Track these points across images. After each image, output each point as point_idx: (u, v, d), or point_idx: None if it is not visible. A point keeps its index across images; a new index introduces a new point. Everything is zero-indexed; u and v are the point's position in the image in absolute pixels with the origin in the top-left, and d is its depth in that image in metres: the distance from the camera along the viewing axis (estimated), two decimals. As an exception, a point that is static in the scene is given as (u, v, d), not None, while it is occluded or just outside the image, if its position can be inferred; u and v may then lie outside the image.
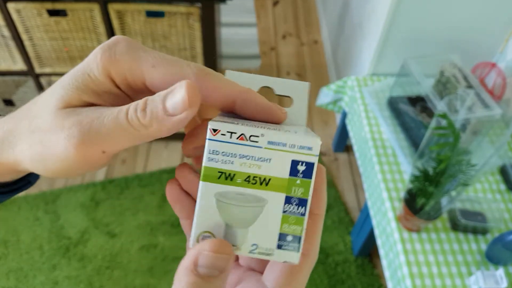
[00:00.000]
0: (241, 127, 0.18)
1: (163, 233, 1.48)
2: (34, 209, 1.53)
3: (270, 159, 0.18)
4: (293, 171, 0.18)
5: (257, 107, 0.20)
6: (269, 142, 0.18)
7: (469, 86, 1.08)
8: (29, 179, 0.24)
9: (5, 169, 0.21)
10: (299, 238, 0.19)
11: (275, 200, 0.18)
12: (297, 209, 0.18)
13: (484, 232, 1.00)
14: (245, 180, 0.18)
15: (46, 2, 1.22)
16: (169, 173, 1.65)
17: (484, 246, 0.98)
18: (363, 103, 1.31)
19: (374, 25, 1.38)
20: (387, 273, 1.02)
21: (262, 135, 0.18)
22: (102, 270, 1.39)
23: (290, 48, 2.30)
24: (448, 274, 0.93)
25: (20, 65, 1.40)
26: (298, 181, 0.18)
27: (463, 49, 1.30)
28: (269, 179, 0.18)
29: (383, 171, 1.12)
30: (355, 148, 1.32)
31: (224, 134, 0.17)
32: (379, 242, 1.08)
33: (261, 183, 0.18)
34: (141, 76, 0.19)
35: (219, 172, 0.18)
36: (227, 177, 0.18)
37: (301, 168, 0.18)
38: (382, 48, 1.35)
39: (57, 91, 0.19)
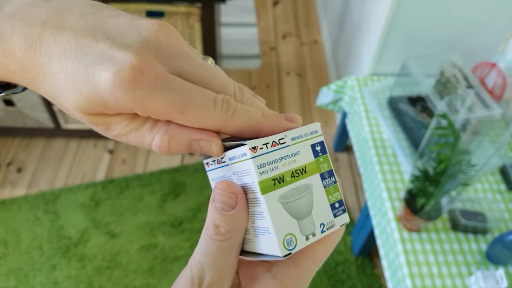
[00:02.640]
0: (268, 137, 0.20)
1: (163, 233, 1.48)
2: (34, 209, 1.53)
3: (298, 151, 0.21)
4: (315, 153, 0.22)
5: (277, 132, 0.22)
6: (292, 139, 0.21)
7: (469, 86, 1.08)
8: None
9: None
10: (342, 201, 0.22)
11: (315, 181, 0.21)
12: (330, 179, 0.22)
13: (484, 232, 1.00)
14: (291, 176, 0.21)
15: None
16: (169, 173, 1.65)
17: (484, 246, 0.98)
18: (363, 103, 1.31)
19: (374, 25, 1.38)
20: (387, 273, 1.02)
21: (286, 135, 0.21)
22: (102, 270, 1.39)
23: (290, 48, 2.30)
24: (448, 274, 0.93)
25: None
26: (321, 159, 0.22)
27: (463, 49, 1.31)
28: (305, 167, 0.21)
29: (383, 171, 1.12)
30: (355, 148, 1.32)
31: (261, 148, 0.20)
32: (379, 242, 1.08)
33: (302, 173, 0.21)
34: (167, 118, 0.19)
35: (272, 180, 0.20)
36: (279, 180, 0.20)
37: (318, 148, 0.22)
38: (382, 48, 1.35)
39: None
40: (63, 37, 0.18)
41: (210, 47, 1.38)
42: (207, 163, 0.23)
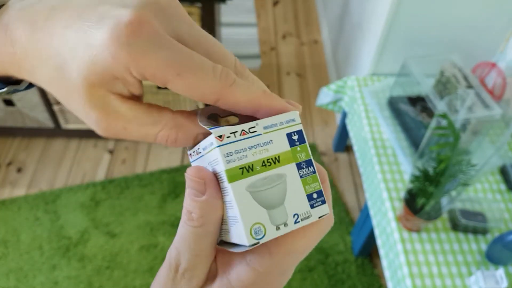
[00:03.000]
0: (237, 126, 0.20)
1: (163, 233, 1.48)
2: (34, 209, 1.53)
3: (271, 140, 0.21)
4: (291, 142, 0.21)
5: (276, 112, 0.21)
6: (265, 127, 0.21)
7: (469, 86, 1.08)
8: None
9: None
10: (321, 191, 0.21)
11: (290, 171, 0.21)
12: (308, 169, 0.21)
13: (484, 232, 1.00)
14: (262, 165, 0.20)
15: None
16: (169, 173, 1.65)
17: (484, 246, 0.98)
18: (363, 103, 1.31)
19: (374, 25, 1.38)
20: (387, 273, 1.02)
21: (257, 124, 0.20)
22: (102, 270, 1.39)
23: (290, 48, 2.30)
24: (448, 274, 0.93)
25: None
26: (298, 148, 0.21)
27: (463, 49, 1.31)
28: (278, 156, 0.21)
29: (383, 171, 1.12)
30: (355, 148, 1.32)
31: (229, 136, 0.20)
32: (379, 242, 1.08)
33: (274, 162, 0.20)
34: (164, 80, 0.18)
35: (239, 168, 0.20)
36: (248, 169, 0.20)
37: (295, 137, 0.21)
38: (382, 48, 1.35)
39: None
40: (67, 14, 0.18)
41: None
42: (190, 154, 0.23)
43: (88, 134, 1.74)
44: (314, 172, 0.21)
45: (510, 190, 1.10)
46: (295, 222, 0.20)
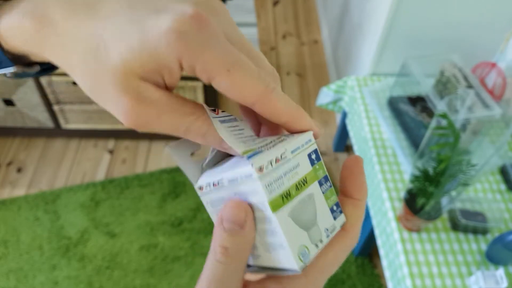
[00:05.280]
0: (270, 152, 0.20)
1: (163, 233, 1.48)
2: (34, 209, 1.53)
3: (298, 164, 0.21)
4: (311, 162, 0.22)
5: (301, 129, 0.22)
6: (292, 152, 0.21)
7: (469, 86, 1.08)
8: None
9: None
10: (338, 203, 0.23)
11: (315, 190, 0.22)
12: (327, 184, 0.23)
13: (484, 232, 1.00)
14: (296, 189, 0.21)
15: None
16: (169, 173, 1.65)
17: (484, 246, 0.98)
18: (363, 103, 1.31)
19: (374, 25, 1.38)
20: (387, 273, 1.02)
21: (286, 149, 0.21)
22: (102, 270, 1.39)
23: (290, 48, 2.30)
24: (448, 274, 0.93)
25: (20, 65, 1.40)
26: (317, 166, 0.22)
27: (463, 49, 1.31)
28: (305, 178, 0.22)
29: (383, 171, 1.12)
30: (355, 148, 1.32)
31: (267, 167, 0.20)
32: (379, 242, 1.08)
33: (304, 184, 0.21)
34: (211, 75, 0.19)
35: (280, 197, 0.20)
36: (286, 196, 0.20)
37: (313, 156, 0.22)
38: (382, 48, 1.35)
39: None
40: (115, 2, 0.19)
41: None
42: (201, 187, 0.23)
43: (88, 134, 1.74)
44: (331, 186, 0.23)
45: (510, 190, 1.10)
46: (327, 236, 0.22)
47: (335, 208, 0.22)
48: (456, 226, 0.99)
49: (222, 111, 0.21)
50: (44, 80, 1.46)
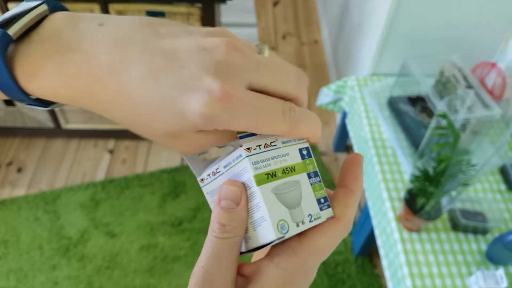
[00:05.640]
0: (260, 138, 0.23)
1: (163, 233, 1.48)
2: (34, 209, 1.53)
3: (288, 153, 0.24)
4: (302, 156, 0.25)
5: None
6: (283, 142, 0.24)
7: (469, 86, 1.08)
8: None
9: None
10: (326, 197, 0.25)
11: (303, 179, 0.24)
12: (316, 179, 0.25)
13: (484, 232, 1.00)
14: (282, 173, 0.23)
15: (46, 2, 1.22)
16: (169, 173, 1.65)
17: (484, 246, 0.98)
18: (363, 103, 1.31)
19: (374, 25, 1.38)
20: (387, 273, 1.02)
21: (277, 139, 0.24)
22: (102, 270, 1.39)
23: (290, 48, 2.30)
24: (448, 274, 0.93)
25: (20, 65, 1.40)
26: (307, 161, 0.25)
27: (463, 49, 1.31)
28: (294, 166, 0.24)
29: (383, 171, 1.12)
30: (355, 148, 1.32)
31: (255, 148, 0.23)
32: (379, 242, 1.08)
33: (291, 171, 0.24)
34: (240, 128, 0.21)
35: (265, 174, 0.23)
36: (272, 175, 0.23)
37: (304, 152, 0.25)
38: (382, 48, 1.35)
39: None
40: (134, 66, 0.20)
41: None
42: (202, 179, 0.26)
43: (88, 134, 1.74)
44: (320, 181, 0.25)
45: (510, 190, 1.10)
46: (310, 221, 0.24)
47: (322, 201, 0.24)
48: (456, 226, 1.00)
49: None
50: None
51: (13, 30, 0.21)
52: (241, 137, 0.22)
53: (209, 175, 0.25)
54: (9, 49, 0.21)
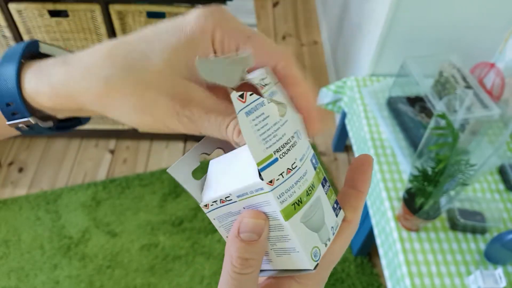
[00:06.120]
0: (281, 163, 0.21)
1: (163, 232, 1.49)
2: (35, 208, 1.53)
3: (306, 171, 0.22)
4: (313, 166, 0.23)
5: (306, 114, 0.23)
6: (300, 160, 0.22)
7: (468, 86, 1.08)
8: (80, 119, 0.26)
9: (72, 108, 0.22)
10: (337, 200, 0.24)
11: (320, 191, 0.23)
12: (327, 185, 0.24)
13: (483, 231, 1.00)
14: (307, 195, 0.22)
15: (48, 2, 1.23)
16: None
17: (483, 246, 0.98)
18: (362, 103, 1.32)
19: (373, 26, 1.38)
20: (386, 272, 1.03)
21: (296, 159, 0.21)
22: (103, 269, 1.39)
23: (290, 48, 2.30)
24: (447, 273, 0.93)
25: (22, 66, 1.41)
26: (317, 170, 0.23)
27: (462, 49, 1.31)
28: (313, 183, 0.22)
29: (382, 171, 1.12)
30: (354, 148, 1.33)
31: (278, 179, 0.20)
32: (378, 241, 1.09)
33: (312, 189, 0.22)
34: (236, 43, 0.21)
35: (292, 205, 0.21)
36: (298, 203, 0.21)
37: (313, 161, 0.23)
38: (381, 49, 1.36)
39: (165, 56, 0.20)
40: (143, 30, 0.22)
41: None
42: (206, 205, 0.23)
43: (89, 134, 1.75)
44: (329, 185, 0.24)
45: (509, 189, 1.10)
46: (333, 234, 0.23)
47: (335, 205, 0.23)
48: (455, 226, 1.00)
49: (251, 94, 0.21)
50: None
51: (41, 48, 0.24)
52: (261, 169, 0.20)
53: (215, 201, 0.23)
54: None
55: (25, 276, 1.37)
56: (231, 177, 0.22)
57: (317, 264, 0.21)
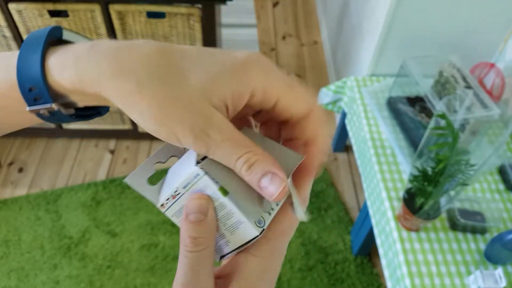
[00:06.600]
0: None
1: (163, 232, 1.49)
2: (35, 208, 1.53)
3: None
4: None
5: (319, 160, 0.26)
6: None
7: (468, 87, 1.08)
8: (100, 109, 0.26)
9: (94, 96, 0.22)
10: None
11: None
12: None
13: (483, 231, 1.00)
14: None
15: (48, 2, 1.23)
16: (169, 173, 1.66)
17: (483, 246, 0.98)
18: (362, 103, 1.32)
19: (373, 26, 1.38)
20: (386, 272, 1.03)
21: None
22: (103, 269, 1.39)
23: (290, 48, 2.30)
24: (447, 273, 0.93)
25: (22, 66, 1.41)
26: None
27: (462, 50, 1.31)
28: None
29: (382, 171, 1.12)
30: (354, 148, 1.33)
31: (208, 165, 0.23)
32: (378, 241, 1.09)
33: None
34: (277, 94, 0.23)
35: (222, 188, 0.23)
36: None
37: None
38: (381, 49, 1.36)
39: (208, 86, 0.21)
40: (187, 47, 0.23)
41: (211, 47, 1.38)
42: (162, 204, 0.25)
43: (89, 134, 1.75)
44: None
45: (509, 189, 1.10)
46: (277, 205, 0.25)
47: None
48: (455, 226, 1.00)
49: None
50: (45, 80, 1.47)
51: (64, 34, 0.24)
52: (199, 160, 0.23)
53: (167, 199, 0.25)
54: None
55: (25, 276, 1.37)
56: (178, 175, 0.24)
57: (263, 230, 0.23)
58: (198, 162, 0.23)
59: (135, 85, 0.20)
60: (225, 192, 0.23)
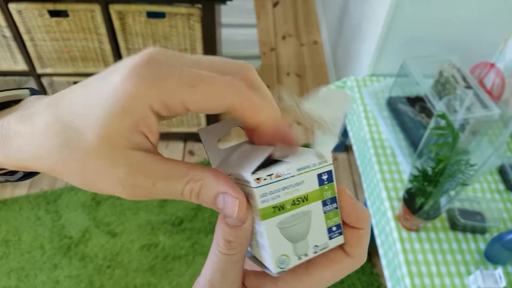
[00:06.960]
0: (275, 168, 0.21)
1: (163, 232, 1.49)
2: (35, 208, 1.54)
3: (303, 181, 0.22)
4: (321, 182, 0.23)
5: (283, 141, 0.22)
6: (298, 169, 0.22)
7: (468, 86, 1.08)
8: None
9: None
10: (340, 225, 0.24)
11: (316, 208, 0.23)
12: (332, 205, 0.23)
13: (483, 231, 1.00)
14: (292, 204, 0.22)
15: (48, 2, 1.23)
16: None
17: (483, 246, 0.98)
18: (362, 103, 1.32)
19: (373, 26, 1.39)
20: (386, 272, 1.03)
21: (292, 167, 0.22)
22: (103, 269, 1.39)
23: (290, 48, 2.30)
24: (447, 273, 0.93)
25: (22, 66, 1.41)
26: (326, 187, 0.23)
27: (462, 50, 1.31)
28: (307, 195, 0.22)
29: (382, 171, 1.12)
30: (354, 148, 1.33)
31: (265, 179, 0.21)
32: (378, 241, 1.09)
33: (303, 201, 0.22)
34: (182, 99, 0.18)
35: (272, 208, 0.21)
36: (279, 208, 0.22)
37: (324, 177, 0.23)
38: (381, 49, 1.36)
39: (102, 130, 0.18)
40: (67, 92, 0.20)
41: (211, 47, 1.38)
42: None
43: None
44: (336, 208, 0.23)
45: (509, 189, 1.10)
46: (314, 252, 0.23)
47: (334, 229, 0.23)
48: (455, 226, 1.00)
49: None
50: (45, 80, 1.47)
51: None
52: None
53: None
54: None
55: (25, 276, 1.37)
56: (242, 162, 0.23)
57: (281, 272, 0.22)
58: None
59: (48, 162, 0.20)
60: (265, 215, 0.21)
